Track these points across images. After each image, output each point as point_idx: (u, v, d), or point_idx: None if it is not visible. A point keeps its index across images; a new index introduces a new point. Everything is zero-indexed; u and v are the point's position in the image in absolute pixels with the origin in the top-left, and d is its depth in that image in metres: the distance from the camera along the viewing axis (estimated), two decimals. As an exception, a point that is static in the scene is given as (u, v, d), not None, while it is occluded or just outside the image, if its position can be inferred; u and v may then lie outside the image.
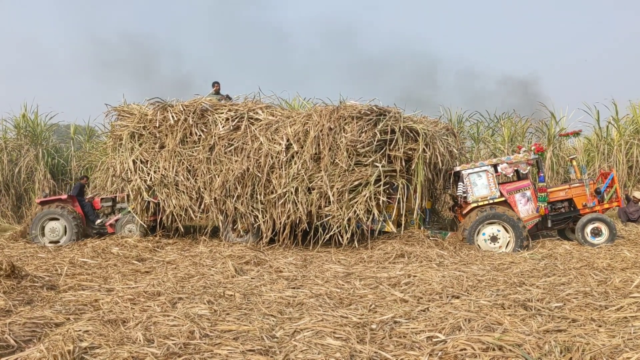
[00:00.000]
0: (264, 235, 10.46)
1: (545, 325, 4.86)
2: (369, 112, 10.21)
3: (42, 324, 5.07)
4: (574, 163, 11.22)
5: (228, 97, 12.38)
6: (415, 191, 10.37)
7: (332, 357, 4.15)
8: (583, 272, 7.25)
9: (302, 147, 10.25)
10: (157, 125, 11.06)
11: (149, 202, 11.15)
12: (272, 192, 10.32)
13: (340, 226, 9.99)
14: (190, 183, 10.80)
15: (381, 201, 9.96)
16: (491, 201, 10.11)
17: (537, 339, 4.39)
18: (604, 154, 17.45)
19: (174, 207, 10.86)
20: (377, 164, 9.97)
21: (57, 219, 11.40)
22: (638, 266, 7.67)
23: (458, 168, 10.53)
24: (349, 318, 5.19)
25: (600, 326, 4.84)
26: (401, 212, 10.45)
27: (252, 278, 7.39)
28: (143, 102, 11.73)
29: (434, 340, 4.54)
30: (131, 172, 11.07)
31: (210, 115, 11.08)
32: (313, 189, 10.15)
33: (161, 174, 10.87)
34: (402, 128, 10.24)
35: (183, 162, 10.86)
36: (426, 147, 10.22)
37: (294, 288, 6.71)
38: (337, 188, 9.96)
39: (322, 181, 10.01)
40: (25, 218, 15.67)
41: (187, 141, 10.99)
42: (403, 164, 10.31)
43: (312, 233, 10.28)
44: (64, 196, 11.99)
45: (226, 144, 10.78)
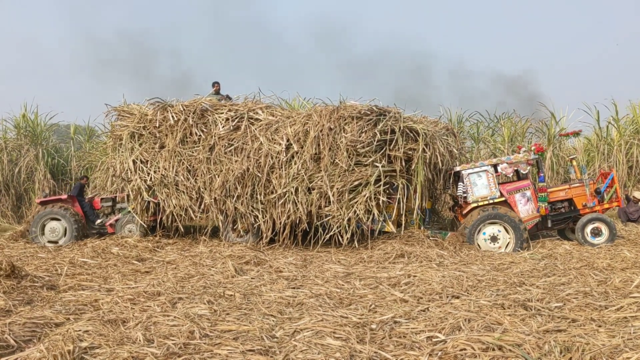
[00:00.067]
0: (264, 235, 10.47)
1: (545, 325, 4.87)
2: (369, 112, 10.22)
3: (42, 324, 5.07)
4: (574, 163, 11.22)
5: (228, 97, 12.38)
6: (415, 191, 10.37)
7: (332, 357, 4.15)
8: (583, 272, 7.26)
9: (302, 147, 10.25)
10: (157, 125, 11.07)
11: (149, 202, 11.16)
12: (272, 192, 10.32)
13: (340, 226, 9.99)
14: (190, 183, 10.80)
15: (381, 201, 9.96)
16: (491, 201, 10.12)
17: (537, 339, 4.39)
18: (604, 154, 17.45)
19: (174, 207, 10.87)
20: (377, 164, 9.98)
21: (57, 219, 11.41)
22: (638, 266, 7.67)
23: (458, 168, 10.54)
24: (349, 318, 5.19)
25: (600, 326, 4.84)
26: (401, 212, 10.45)
27: (252, 278, 7.39)
28: (143, 102, 11.75)
29: (434, 340, 4.54)
30: (131, 172, 11.07)
31: (210, 115, 11.08)
32: (313, 189, 10.15)
33: (161, 174, 10.88)
34: (402, 128, 10.24)
35: (183, 162, 10.87)
36: (426, 147, 10.23)
37: (294, 288, 6.71)
38: (337, 188, 9.96)
39: (322, 181, 10.01)
40: (25, 218, 15.70)
41: (187, 141, 10.99)
42: (403, 164, 10.31)
43: (312, 233, 10.29)
44: (64, 196, 11.99)
45: (226, 144, 10.79)
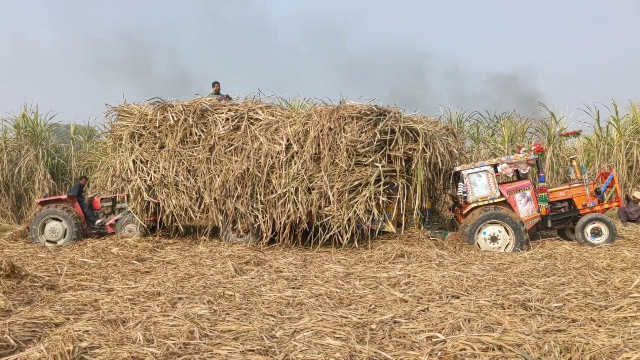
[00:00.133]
0: (264, 235, 10.47)
1: (544, 325, 4.86)
2: (369, 112, 10.21)
3: (42, 324, 5.07)
4: (574, 163, 11.22)
5: (228, 97, 12.38)
6: (415, 191, 10.37)
7: (332, 357, 4.15)
8: (583, 272, 7.25)
9: (302, 147, 10.25)
10: (157, 125, 11.07)
11: (149, 202, 11.16)
12: (272, 192, 10.32)
13: (340, 226, 9.99)
14: (190, 183, 10.80)
15: (381, 201, 9.96)
16: (491, 201, 10.12)
17: (537, 339, 4.39)
18: (604, 154, 17.45)
19: (174, 207, 10.87)
20: (377, 164, 9.97)
21: (58, 220, 11.42)
22: (638, 266, 7.67)
23: (458, 168, 10.53)
24: (349, 318, 5.20)
25: (600, 326, 4.84)
26: (401, 212, 10.45)
27: (252, 278, 7.39)
28: (143, 102, 11.75)
29: (434, 340, 4.54)
30: (131, 172, 11.07)
31: (210, 115, 11.08)
32: (313, 189, 10.15)
33: (161, 174, 10.88)
34: (402, 128, 10.24)
35: (183, 162, 10.87)
36: (426, 147, 10.22)
37: (294, 288, 6.72)
38: (337, 188, 9.96)
39: (322, 181, 10.01)
40: (25, 218, 15.71)
41: (187, 141, 11.00)
42: (403, 164, 10.30)
43: (312, 233, 10.29)
44: (64, 196, 12.00)
45: (226, 144, 10.79)
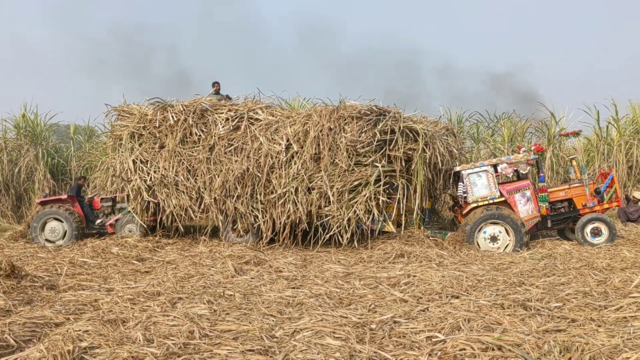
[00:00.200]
0: (264, 235, 10.47)
1: (544, 325, 4.87)
2: (369, 112, 10.22)
3: (42, 324, 5.08)
4: (574, 163, 11.22)
5: (228, 97, 12.39)
6: (415, 191, 10.37)
7: (332, 357, 4.15)
8: (583, 272, 7.26)
9: (302, 147, 10.25)
10: (157, 125, 11.07)
11: (149, 202, 11.16)
12: (272, 192, 10.32)
13: (340, 226, 9.99)
14: (190, 183, 10.81)
15: (381, 201, 9.97)
16: (491, 201, 10.12)
17: (537, 339, 4.39)
18: (604, 154, 17.45)
19: (174, 207, 10.87)
20: (377, 164, 9.98)
21: (59, 220, 11.42)
22: (638, 266, 7.67)
23: (458, 168, 10.54)
24: (349, 318, 5.20)
25: (599, 326, 4.84)
26: (401, 212, 10.45)
27: (252, 278, 7.39)
28: (143, 102, 11.76)
29: (434, 340, 4.54)
30: (131, 172, 11.07)
31: (210, 115, 11.08)
32: (313, 189, 10.15)
33: (161, 174, 10.88)
34: (402, 128, 10.25)
35: (183, 162, 10.87)
36: (426, 147, 10.23)
37: (294, 288, 6.72)
38: (337, 188, 9.96)
39: (322, 181, 10.01)
40: (25, 218, 15.69)
41: (187, 141, 11.00)
42: (403, 164, 10.31)
43: (312, 233, 10.29)
44: (64, 196, 12.00)
45: (226, 144, 10.79)
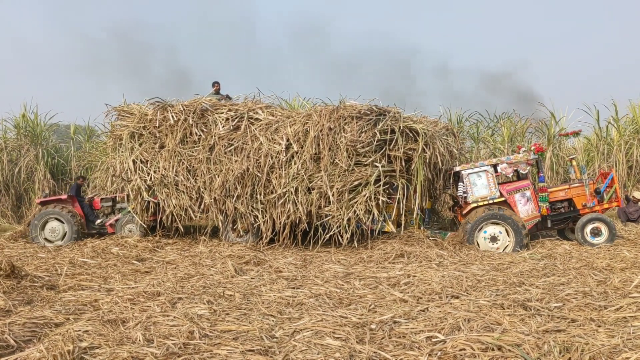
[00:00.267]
0: (264, 235, 10.47)
1: (544, 325, 4.87)
2: (369, 112, 10.22)
3: (42, 324, 5.08)
4: (574, 163, 11.22)
5: (228, 97, 12.39)
6: (415, 191, 10.37)
7: (332, 357, 4.15)
8: (582, 272, 7.25)
9: (302, 147, 10.25)
10: (157, 125, 11.07)
11: (149, 202, 11.16)
12: (272, 192, 10.32)
13: (340, 226, 9.99)
14: (190, 183, 10.81)
15: (381, 201, 9.96)
16: (491, 201, 10.12)
17: (536, 339, 4.40)
18: (604, 154, 17.44)
19: (174, 207, 10.87)
20: (377, 164, 9.98)
21: (57, 219, 11.42)
22: (637, 266, 7.67)
23: (458, 168, 10.53)
24: (349, 318, 5.20)
25: (599, 326, 4.84)
26: (401, 212, 10.45)
27: (252, 278, 7.39)
28: (143, 102, 11.76)
29: (433, 340, 4.54)
30: (131, 172, 11.07)
31: (210, 115, 11.08)
32: (313, 189, 10.15)
33: (161, 174, 10.88)
34: (402, 128, 10.25)
35: (183, 162, 10.87)
36: (426, 147, 10.23)
37: (294, 288, 6.72)
38: (337, 188, 9.96)
39: (322, 181, 10.01)
40: (25, 218, 15.70)
41: (187, 141, 11.00)
42: (403, 164, 10.30)
43: (312, 233, 10.29)
44: (64, 196, 12.00)
45: (226, 144, 10.79)
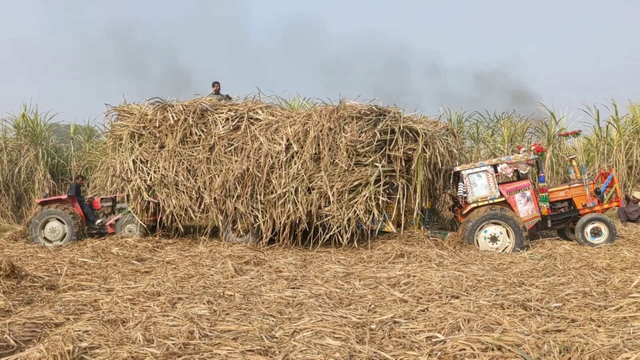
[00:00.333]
0: (264, 235, 10.47)
1: (544, 325, 4.87)
2: (369, 112, 10.22)
3: (42, 324, 5.07)
4: (574, 163, 11.22)
5: (228, 97, 12.39)
6: (415, 191, 10.37)
7: (332, 357, 4.15)
8: (582, 272, 7.25)
9: (302, 147, 10.25)
10: (157, 125, 11.07)
11: (149, 202, 11.16)
12: (272, 192, 10.32)
13: (340, 226, 9.99)
14: (190, 183, 10.81)
15: (381, 201, 9.96)
16: (491, 201, 10.12)
17: (536, 339, 4.39)
18: (604, 154, 17.44)
19: (174, 207, 10.87)
20: (377, 164, 9.98)
21: (59, 220, 11.42)
22: (637, 266, 7.67)
23: (458, 168, 10.53)
24: (349, 318, 5.20)
25: (599, 326, 4.84)
26: (401, 212, 10.45)
27: (252, 278, 7.39)
28: (143, 102, 11.76)
29: (433, 340, 4.54)
30: (131, 172, 11.08)
31: (210, 115, 11.09)
32: (313, 189, 10.15)
33: (161, 174, 10.88)
34: (402, 128, 10.25)
35: (183, 162, 10.87)
36: (426, 147, 10.23)
37: (294, 288, 6.72)
38: (337, 188, 9.96)
39: (322, 181, 10.01)
40: (25, 218, 15.69)
41: (187, 141, 11.00)
42: (403, 164, 10.30)
43: (312, 233, 10.29)
44: (64, 196, 12.00)
45: (226, 144, 10.79)
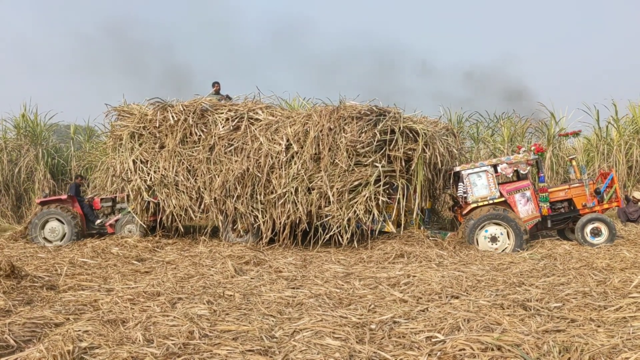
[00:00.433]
0: (264, 235, 10.47)
1: (544, 325, 4.87)
2: (369, 112, 10.22)
3: (42, 324, 5.08)
4: (574, 163, 11.22)
5: (228, 97, 12.40)
6: (415, 191, 10.37)
7: (332, 357, 4.15)
8: (582, 272, 7.25)
9: (302, 147, 10.26)
10: (157, 125, 11.08)
11: (149, 202, 11.17)
12: (272, 192, 10.32)
13: (340, 226, 10.00)
14: (190, 183, 10.81)
15: (381, 201, 9.97)
16: (491, 201, 10.12)
17: (536, 339, 4.40)
18: (604, 154, 17.44)
19: (174, 207, 10.87)
20: (377, 164, 9.98)
21: (57, 220, 11.42)
22: (637, 266, 7.67)
23: (458, 168, 10.53)
24: (349, 318, 5.20)
25: (599, 326, 4.84)
26: (401, 212, 10.45)
27: (252, 278, 7.39)
28: (143, 102, 11.77)
29: (433, 340, 4.54)
30: (131, 172, 11.08)
31: (210, 115, 11.09)
32: (313, 189, 10.16)
33: (161, 174, 10.88)
34: (402, 128, 10.25)
35: (183, 162, 10.88)
36: (426, 147, 10.23)
37: (294, 288, 6.72)
38: (337, 188, 9.96)
39: (322, 181, 10.01)
40: (25, 218, 15.71)
41: (187, 141, 11.00)
42: (403, 164, 10.30)
43: (312, 233, 10.29)
44: (64, 196, 12.00)
45: (226, 144, 10.79)
